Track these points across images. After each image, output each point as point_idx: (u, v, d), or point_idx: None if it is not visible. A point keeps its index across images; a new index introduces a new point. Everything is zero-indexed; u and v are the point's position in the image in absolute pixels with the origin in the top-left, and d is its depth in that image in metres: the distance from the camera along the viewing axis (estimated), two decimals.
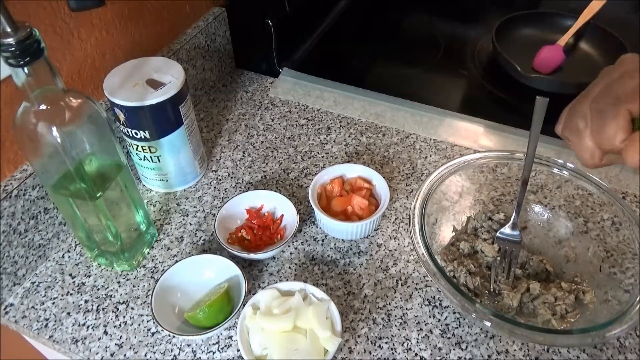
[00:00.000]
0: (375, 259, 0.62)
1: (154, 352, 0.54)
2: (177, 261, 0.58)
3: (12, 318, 0.58)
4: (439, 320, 0.56)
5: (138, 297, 0.59)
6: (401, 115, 0.83)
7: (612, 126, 0.34)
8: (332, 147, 0.78)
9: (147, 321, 0.57)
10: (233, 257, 0.59)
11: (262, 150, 0.78)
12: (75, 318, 0.57)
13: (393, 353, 0.54)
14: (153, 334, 0.56)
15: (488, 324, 0.46)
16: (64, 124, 0.47)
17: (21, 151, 0.58)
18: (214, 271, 0.58)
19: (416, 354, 0.54)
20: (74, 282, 0.61)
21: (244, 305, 0.53)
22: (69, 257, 0.64)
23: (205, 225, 0.67)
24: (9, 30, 0.40)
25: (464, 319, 0.56)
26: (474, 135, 0.79)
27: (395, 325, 0.56)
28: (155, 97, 0.60)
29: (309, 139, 0.79)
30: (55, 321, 0.57)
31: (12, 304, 0.59)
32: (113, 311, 0.58)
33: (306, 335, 0.50)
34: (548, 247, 0.60)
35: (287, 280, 0.60)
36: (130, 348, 0.55)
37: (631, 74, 0.35)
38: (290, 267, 0.62)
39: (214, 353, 0.54)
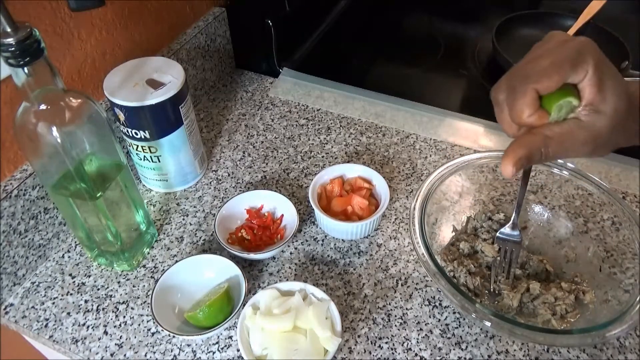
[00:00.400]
0: (375, 259, 0.62)
1: (154, 352, 0.54)
2: (177, 261, 0.58)
3: (12, 318, 0.58)
4: (439, 320, 0.56)
5: (138, 297, 0.59)
6: (401, 115, 0.83)
7: (520, 103, 0.37)
8: (332, 147, 0.78)
9: (147, 321, 0.57)
10: (233, 257, 0.59)
11: (262, 150, 0.78)
12: (75, 318, 0.57)
13: (393, 353, 0.54)
14: (153, 334, 0.56)
15: (488, 324, 0.46)
16: (64, 124, 0.47)
17: (21, 151, 0.58)
18: (214, 271, 0.58)
19: (416, 354, 0.54)
20: (74, 282, 0.61)
21: (244, 305, 0.53)
22: (69, 257, 0.64)
23: (205, 225, 0.67)
24: (9, 30, 0.40)
25: (464, 319, 0.56)
26: (474, 135, 0.79)
27: (395, 325, 0.56)
28: (155, 97, 0.60)
29: (309, 139, 0.79)
30: (55, 321, 0.57)
31: (12, 304, 0.59)
32: (113, 311, 0.58)
33: (306, 335, 0.50)
34: (548, 247, 0.60)
35: (287, 280, 0.60)
36: (130, 348, 0.55)
37: (546, 54, 0.37)
38: (290, 267, 0.62)
39: (214, 353, 0.54)
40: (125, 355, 0.54)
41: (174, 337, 0.55)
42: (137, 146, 0.65)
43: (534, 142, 0.37)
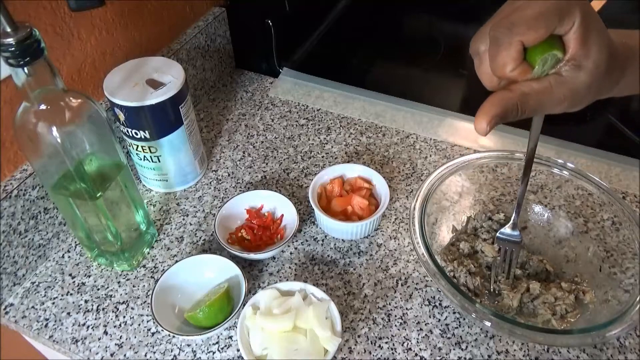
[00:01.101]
0: (375, 259, 0.62)
1: (154, 352, 0.54)
2: (177, 261, 0.58)
3: (12, 318, 0.58)
4: (439, 320, 0.56)
5: (138, 297, 0.59)
6: (401, 115, 0.83)
7: (503, 55, 0.35)
8: (332, 147, 0.78)
9: (147, 321, 0.57)
10: (233, 257, 0.59)
11: (262, 150, 0.78)
12: (75, 318, 0.57)
13: (393, 353, 0.54)
14: (153, 334, 0.56)
15: (488, 324, 0.46)
16: (64, 124, 0.47)
17: (21, 151, 0.58)
18: (214, 271, 0.58)
19: (416, 354, 0.54)
20: (74, 282, 0.61)
21: (244, 305, 0.53)
22: (69, 257, 0.64)
23: (205, 225, 0.67)
24: (9, 30, 0.40)
25: (464, 319, 0.56)
26: (474, 135, 0.79)
27: (395, 325, 0.56)
28: (155, 97, 0.60)
29: (309, 139, 0.79)
30: (55, 321, 0.57)
31: (12, 304, 0.59)
32: (113, 311, 0.58)
33: (306, 335, 0.50)
34: (548, 247, 0.60)
35: (287, 280, 0.60)
36: (130, 348, 0.55)
37: (531, 2, 0.34)
38: (290, 267, 0.62)
39: (214, 353, 0.54)
40: (125, 355, 0.54)
41: (174, 337, 0.55)
42: (137, 146, 0.65)
43: (510, 99, 0.35)
